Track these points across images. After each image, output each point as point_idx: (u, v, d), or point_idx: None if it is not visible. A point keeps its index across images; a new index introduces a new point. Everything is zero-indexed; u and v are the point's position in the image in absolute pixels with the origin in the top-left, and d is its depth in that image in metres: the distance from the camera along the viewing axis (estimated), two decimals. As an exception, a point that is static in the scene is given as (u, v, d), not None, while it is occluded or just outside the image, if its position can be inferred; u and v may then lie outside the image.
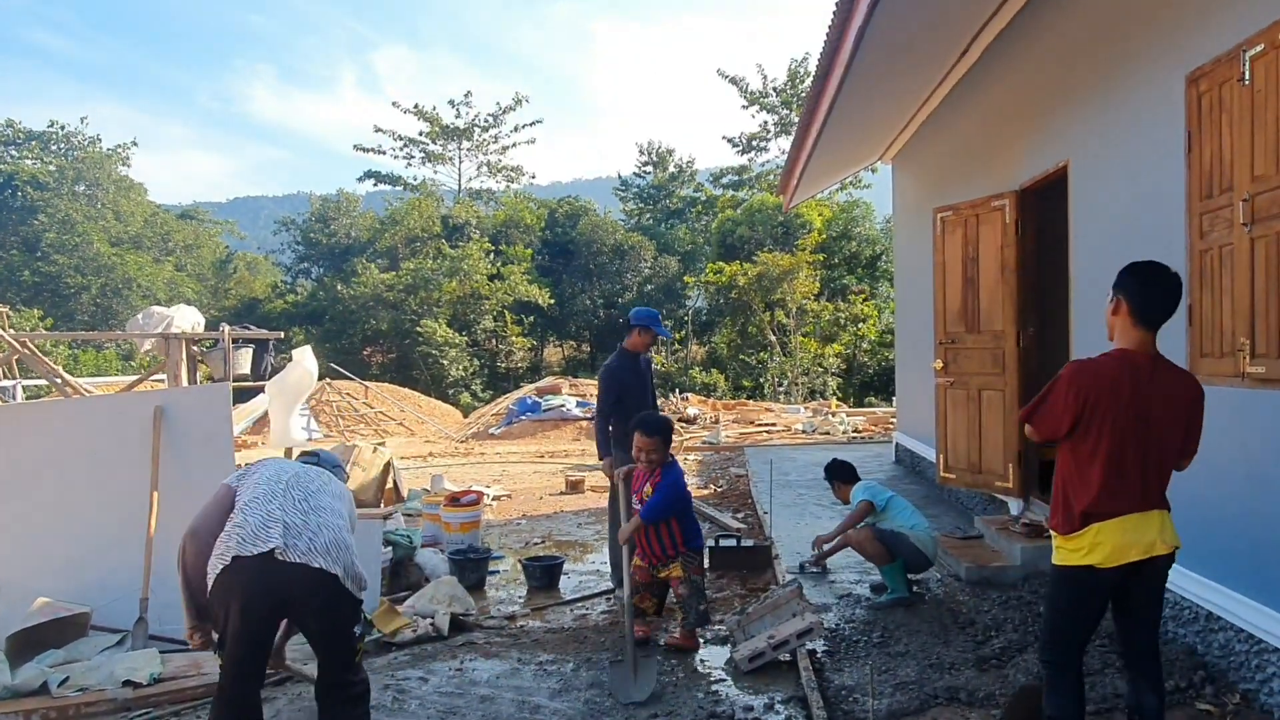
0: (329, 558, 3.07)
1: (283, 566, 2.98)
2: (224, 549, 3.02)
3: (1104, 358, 2.90)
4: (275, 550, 2.98)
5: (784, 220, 27.39)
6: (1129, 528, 2.79)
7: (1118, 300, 2.91)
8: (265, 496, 3.17)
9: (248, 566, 2.97)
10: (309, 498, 3.24)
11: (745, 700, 3.93)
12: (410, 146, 37.99)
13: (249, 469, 3.40)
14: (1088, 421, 2.81)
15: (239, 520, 3.09)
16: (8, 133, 37.53)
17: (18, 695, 4.12)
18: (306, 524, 3.12)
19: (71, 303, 32.68)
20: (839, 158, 10.47)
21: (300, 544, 3.04)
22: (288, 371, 7.19)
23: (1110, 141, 4.92)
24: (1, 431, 5.19)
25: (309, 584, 3.02)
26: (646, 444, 4.82)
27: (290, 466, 3.44)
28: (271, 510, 3.11)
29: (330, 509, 3.27)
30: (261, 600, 3.00)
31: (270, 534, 3.02)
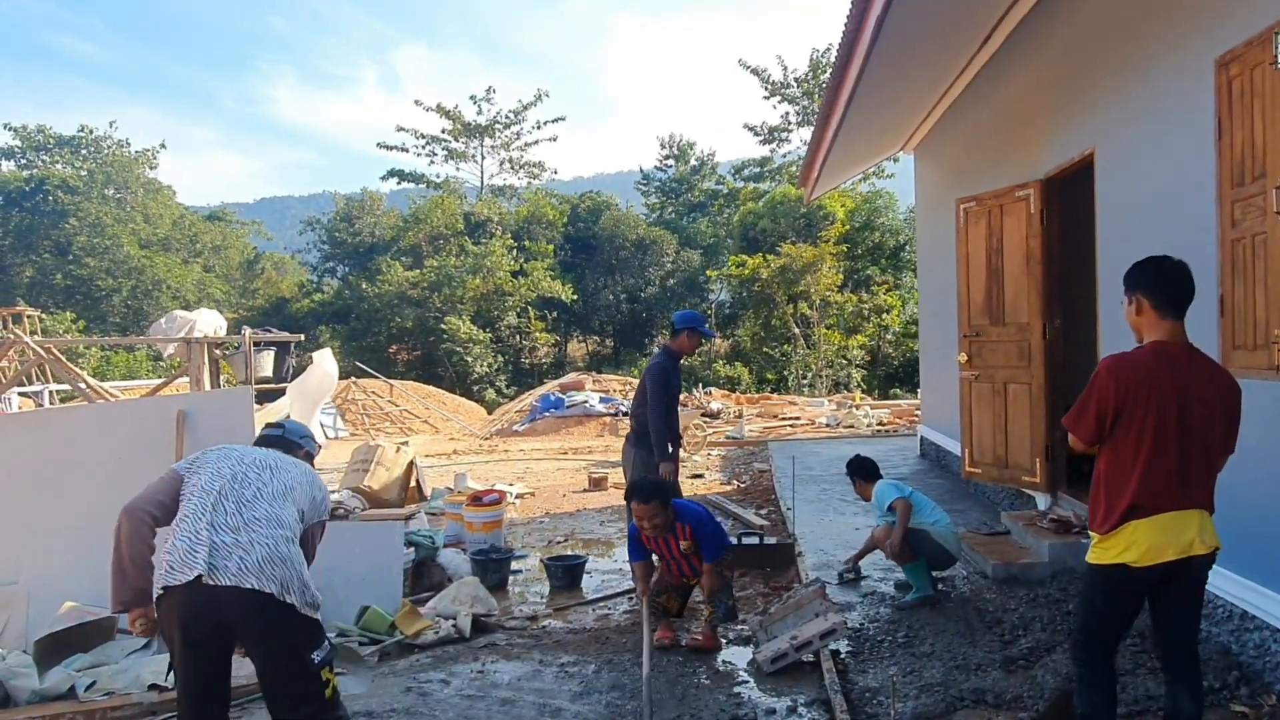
0: (262, 576, 2.81)
1: (212, 592, 2.77)
2: (156, 576, 2.87)
3: (1139, 351, 2.84)
4: (200, 576, 2.77)
5: (806, 212, 27.19)
6: (1166, 526, 2.72)
7: (1137, 300, 2.86)
8: (195, 514, 2.93)
9: (177, 596, 2.79)
10: (243, 508, 2.96)
11: (767, 703, 3.88)
12: (433, 144, 38.11)
13: (195, 461, 3.16)
14: (1128, 417, 2.74)
15: (169, 545, 2.89)
16: (38, 138, 38.08)
17: (46, 699, 4.17)
18: (237, 541, 2.86)
19: (103, 305, 33.13)
20: (860, 149, 10.36)
21: (230, 564, 2.80)
22: (308, 374, 7.24)
23: (1137, 128, 4.81)
24: (29, 437, 5.26)
25: (241, 607, 2.80)
26: (648, 511, 4.64)
27: (233, 462, 3.11)
28: (199, 531, 2.87)
29: (268, 518, 2.97)
30: (198, 628, 2.82)
31: (195, 559, 2.80)
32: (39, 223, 34.06)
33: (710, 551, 4.68)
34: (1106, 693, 2.89)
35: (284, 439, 3.44)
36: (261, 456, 3.19)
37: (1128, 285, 2.89)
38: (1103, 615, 2.89)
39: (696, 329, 5.71)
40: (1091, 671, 2.89)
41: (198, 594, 2.77)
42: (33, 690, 4.17)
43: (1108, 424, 2.78)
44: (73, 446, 5.19)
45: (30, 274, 33.49)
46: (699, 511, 4.83)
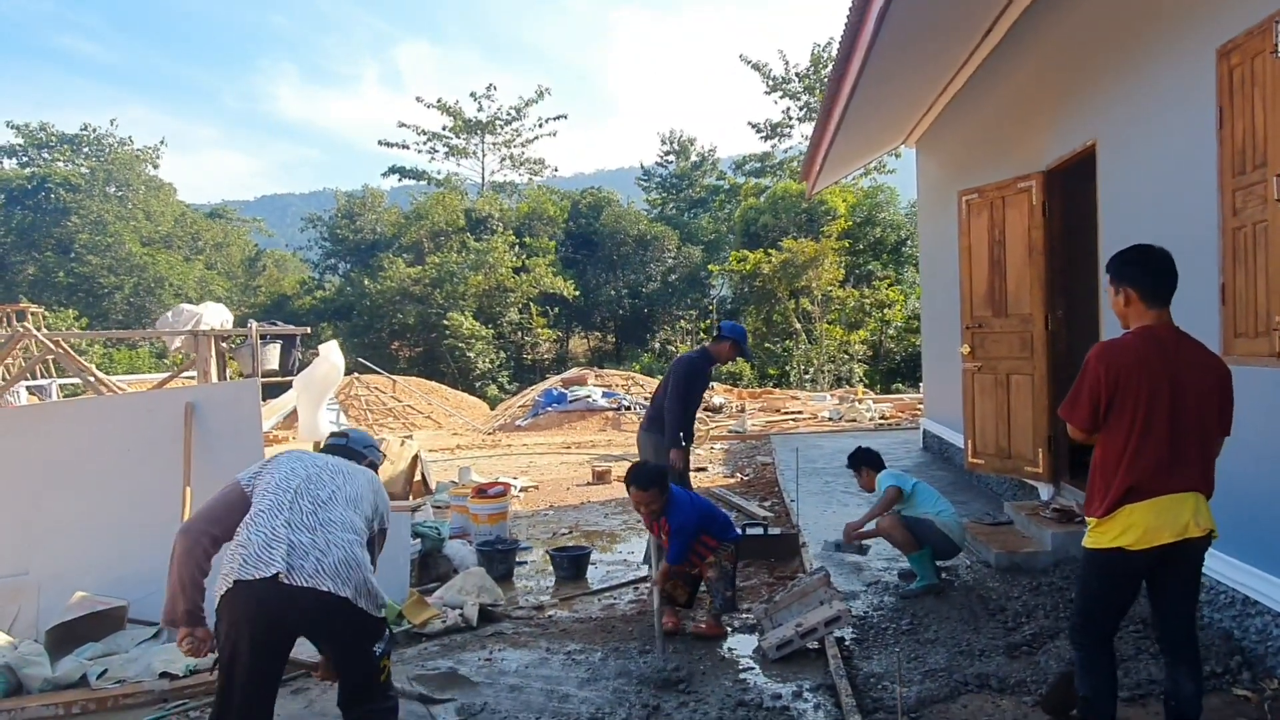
0: (338, 579, 2.82)
1: (289, 591, 2.75)
2: (227, 569, 2.81)
3: (1127, 336, 2.90)
4: (279, 574, 2.74)
5: (808, 207, 27.19)
6: (1162, 509, 2.75)
7: (1124, 292, 2.91)
8: (271, 510, 2.92)
9: (251, 592, 2.75)
10: (319, 509, 2.97)
11: (773, 688, 3.92)
12: (434, 141, 38.15)
13: (266, 465, 3.16)
14: (1121, 401, 2.79)
15: (243, 538, 2.86)
16: (41, 136, 38.12)
17: (58, 687, 4.21)
18: (314, 542, 2.86)
19: (105, 302, 33.19)
20: (862, 143, 10.37)
21: (307, 565, 2.79)
22: (314, 367, 7.28)
23: (1139, 119, 4.83)
24: (39, 430, 5.30)
25: (318, 609, 2.80)
26: (644, 497, 4.72)
27: (306, 465, 3.15)
28: (276, 528, 2.86)
29: (342, 521, 2.99)
30: (267, 628, 2.79)
31: (273, 556, 2.78)
32: (41, 221, 34.13)
33: (671, 553, 4.69)
34: (1107, 676, 2.92)
35: (348, 448, 3.45)
36: (332, 462, 3.22)
37: (1113, 277, 2.94)
38: (1100, 599, 2.92)
39: (739, 344, 6.05)
40: (1091, 655, 2.93)
41: (274, 591, 2.74)
42: (45, 678, 4.21)
43: (1102, 410, 2.82)
44: (82, 439, 5.22)
45: (33, 272, 33.56)
46: (685, 515, 4.75)
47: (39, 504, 5.09)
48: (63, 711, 4.04)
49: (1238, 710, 3.37)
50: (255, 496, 3.00)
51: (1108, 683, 2.91)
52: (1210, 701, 3.45)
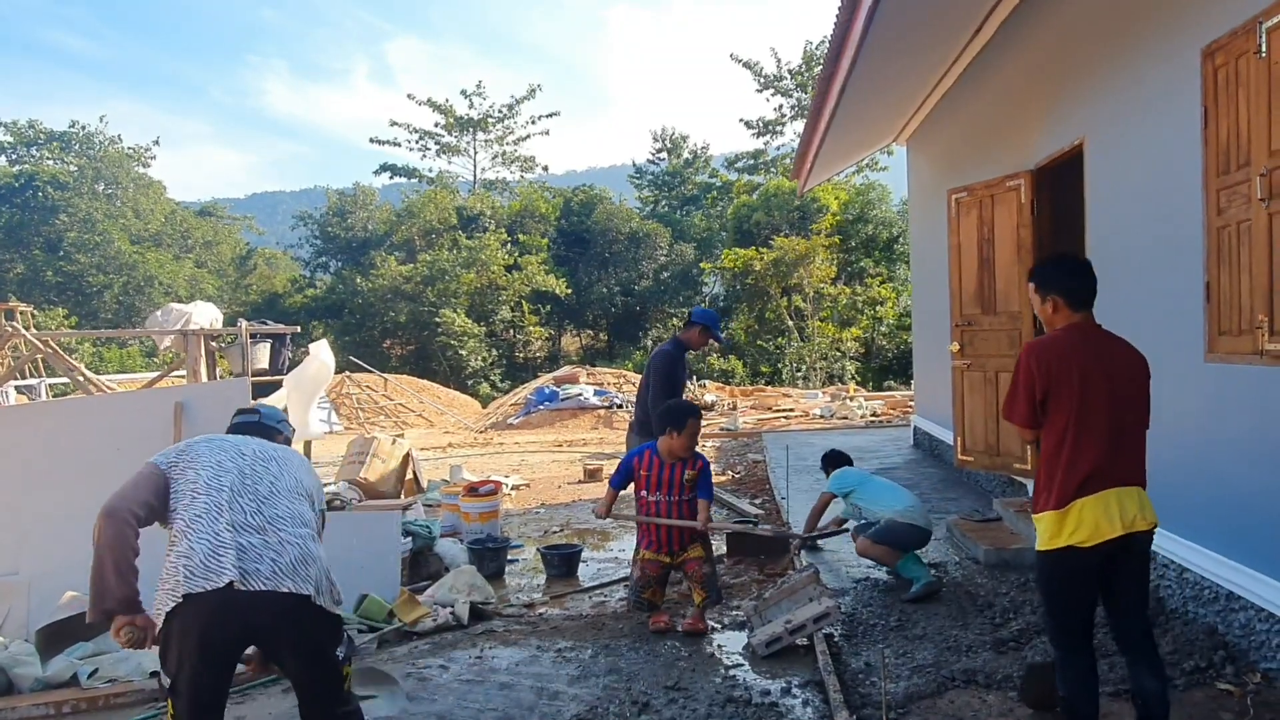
0: (297, 578, 2.66)
1: (244, 597, 2.58)
2: (172, 584, 2.59)
3: (1057, 332, 2.97)
4: (232, 582, 2.57)
5: (800, 205, 27.27)
6: (1108, 503, 2.79)
7: (1052, 300, 2.98)
8: (210, 513, 2.70)
9: (203, 604, 2.55)
10: (262, 505, 2.78)
11: (762, 684, 3.94)
12: (425, 139, 38.11)
13: (183, 454, 2.88)
14: (1056, 393, 2.84)
15: (183, 548, 2.63)
16: (30, 133, 37.93)
17: (49, 686, 4.21)
18: (266, 543, 2.69)
19: (94, 301, 33.08)
20: (853, 140, 10.41)
21: (262, 568, 2.62)
22: (305, 365, 7.28)
23: (1125, 118, 4.86)
24: (28, 429, 5.29)
25: (277, 612, 2.64)
26: (700, 428, 4.89)
27: (231, 455, 2.90)
28: (219, 532, 2.65)
29: (290, 515, 2.82)
30: (222, 639, 2.61)
31: (223, 563, 2.59)
32: (29, 219, 33.97)
33: (706, 489, 4.90)
34: (1086, 673, 2.92)
35: (261, 424, 3.22)
36: (257, 448, 2.99)
37: (1039, 286, 3.02)
38: (1062, 600, 2.93)
39: (709, 329, 5.90)
40: (1069, 654, 2.94)
41: (228, 600, 2.57)
42: (36, 678, 4.21)
43: (1038, 405, 2.87)
44: (72, 439, 5.22)
45: (21, 270, 33.41)
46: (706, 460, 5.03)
47: (29, 503, 5.08)
48: (54, 711, 4.04)
49: (1221, 704, 3.40)
50: (183, 495, 2.76)
51: (1086, 682, 2.92)
52: (1194, 696, 3.50)
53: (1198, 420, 4.11)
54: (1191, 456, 4.17)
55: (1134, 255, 4.79)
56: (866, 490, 5.35)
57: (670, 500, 4.83)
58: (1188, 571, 4.17)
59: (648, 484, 4.88)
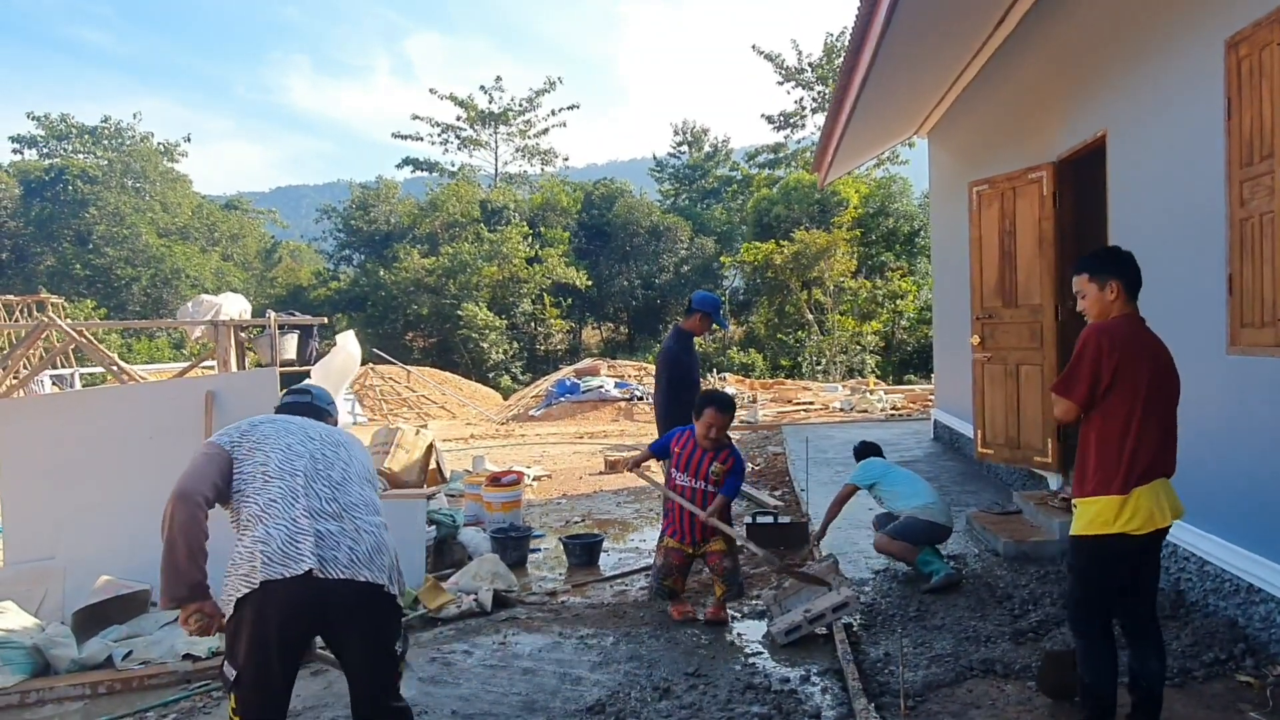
0: (373, 567, 2.64)
1: (324, 586, 2.55)
2: (247, 569, 2.55)
3: (1120, 319, 2.99)
4: (311, 570, 2.54)
5: (820, 198, 27.15)
6: (1159, 493, 2.83)
7: (1111, 285, 3.02)
8: (285, 498, 2.66)
9: (282, 592, 2.52)
10: (336, 492, 2.75)
11: (782, 672, 3.99)
12: (447, 133, 38.22)
13: (247, 435, 2.81)
14: (1123, 379, 2.86)
15: (259, 534, 2.58)
16: (61, 127, 38.38)
17: (85, 668, 4.33)
18: (343, 530, 2.66)
19: (123, 294, 33.49)
20: (874, 133, 10.38)
21: (340, 555, 2.60)
22: (332, 356, 7.39)
23: (1148, 110, 4.85)
24: (63, 418, 5.42)
25: (353, 601, 2.61)
26: (721, 421, 4.80)
27: (301, 438, 2.85)
28: (297, 518, 2.62)
29: (363, 503, 2.79)
30: (297, 628, 2.59)
31: (301, 550, 2.56)
32: (59, 212, 34.42)
33: (729, 488, 4.85)
34: (1110, 660, 2.97)
35: (314, 405, 3.15)
36: (323, 432, 2.95)
37: (1097, 272, 3.06)
38: (1100, 585, 2.96)
39: (709, 314, 5.86)
40: (1093, 642, 2.98)
41: (307, 589, 2.53)
42: (72, 659, 4.33)
43: (1101, 388, 2.88)
44: (105, 427, 5.34)
45: (51, 263, 33.88)
46: (744, 464, 5.02)
47: (65, 491, 5.21)
48: (89, 691, 4.16)
49: (1240, 696, 3.41)
50: (252, 478, 2.71)
51: (1110, 668, 2.97)
52: (1213, 687, 3.51)
53: (1219, 412, 4.11)
54: (1213, 449, 4.17)
55: (1156, 247, 4.77)
56: (889, 483, 5.33)
57: (693, 486, 4.85)
58: (1208, 564, 4.17)
59: (678, 463, 4.92)
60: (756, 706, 3.61)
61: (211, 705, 4.02)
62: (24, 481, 5.25)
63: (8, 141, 38.57)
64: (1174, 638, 3.90)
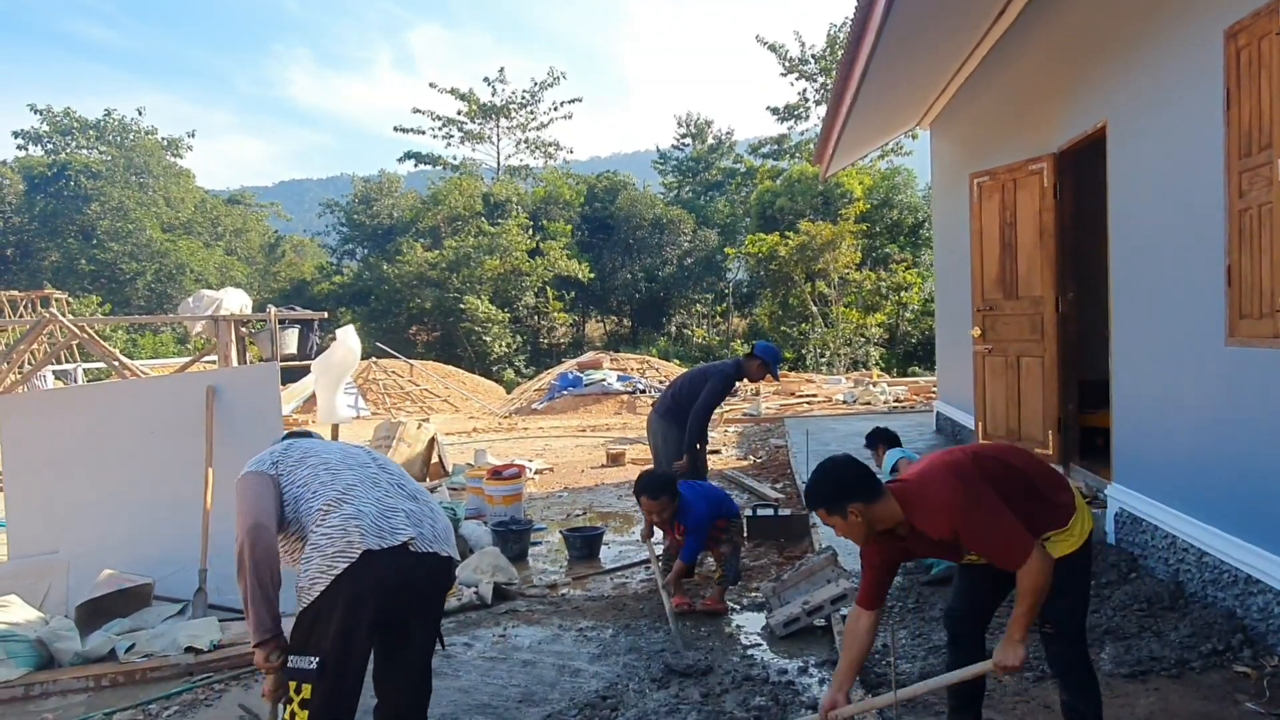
0: (450, 544, 2.79)
1: (418, 558, 2.64)
2: (341, 545, 2.53)
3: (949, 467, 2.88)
4: (410, 540, 2.63)
5: (824, 190, 27.10)
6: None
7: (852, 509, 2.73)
8: (364, 482, 2.75)
9: (384, 560, 2.55)
10: (403, 480, 2.89)
11: (779, 664, 4.01)
12: (449, 126, 38.20)
13: (284, 455, 2.84)
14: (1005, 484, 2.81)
15: (349, 510, 2.61)
16: (65, 122, 38.41)
17: (88, 661, 4.36)
18: (421, 510, 2.78)
19: (128, 289, 33.59)
20: (876, 124, 10.35)
21: (425, 531, 2.71)
22: (332, 351, 7.40)
23: (1148, 100, 4.83)
24: (66, 413, 5.44)
25: (437, 575, 2.73)
26: (656, 506, 4.82)
27: (340, 447, 2.98)
28: (382, 498, 2.71)
29: (423, 490, 2.95)
30: (397, 598, 2.62)
31: (396, 523, 2.65)
32: (63, 208, 34.51)
33: (686, 551, 4.84)
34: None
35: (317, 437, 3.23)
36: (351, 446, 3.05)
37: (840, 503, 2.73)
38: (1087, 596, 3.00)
39: (769, 365, 6.26)
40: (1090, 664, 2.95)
41: (406, 559, 2.60)
42: (75, 652, 4.36)
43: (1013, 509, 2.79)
44: (108, 422, 5.36)
45: (56, 258, 33.98)
46: (699, 513, 4.84)
47: (68, 485, 5.24)
48: (93, 684, 4.19)
49: (1237, 686, 3.41)
50: (311, 482, 2.73)
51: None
52: (1211, 678, 3.51)
53: (1218, 404, 4.11)
54: (1211, 440, 4.17)
55: (1156, 238, 4.77)
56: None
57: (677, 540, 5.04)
58: (1207, 555, 4.17)
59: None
60: (755, 698, 3.62)
61: (214, 698, 4.04)
62: (27, 476, 5.28)
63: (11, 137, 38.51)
64: (1172, 628, 3.90)
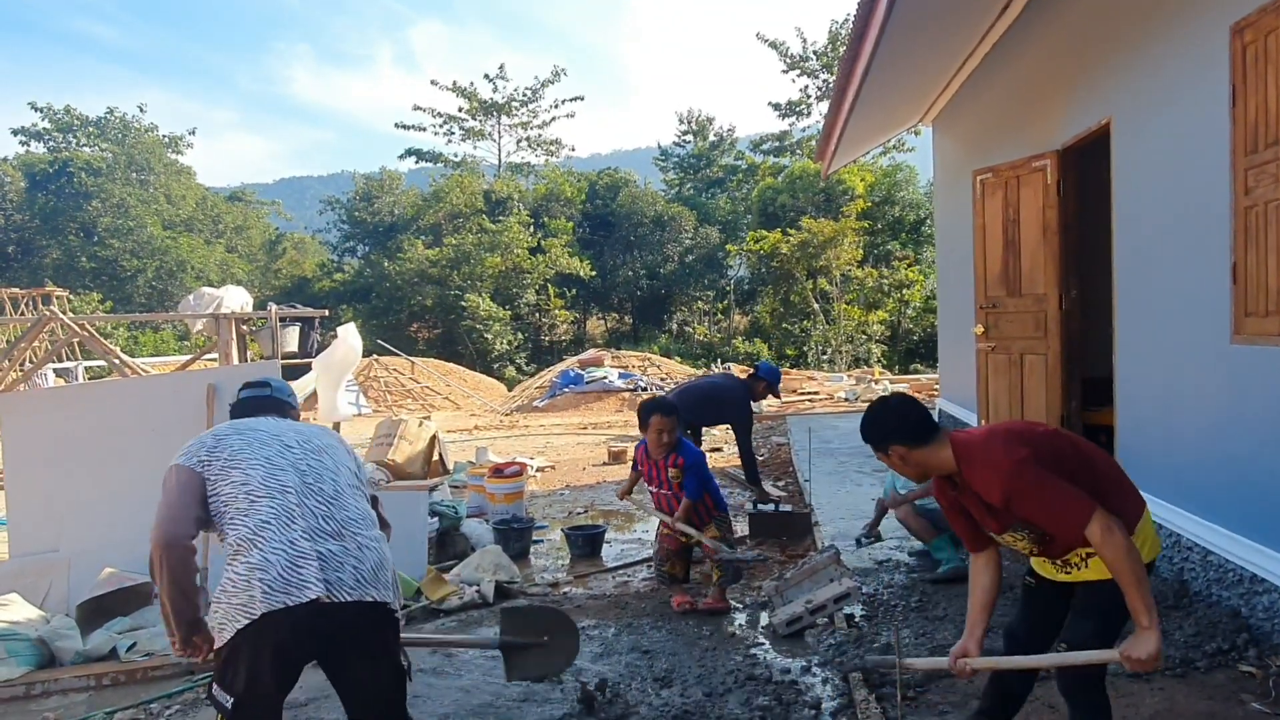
0: (379, 585, 2.49)
1: (330, 611, 2.38)
2: (244, 599, 2.34)
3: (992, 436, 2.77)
4: (318, 598, 2.36)
5: (825, 187, 27.06)
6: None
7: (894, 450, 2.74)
8: (279, 519, 2.46)
9: (283, 621, 2.32)
10: (332, 508, 2.56)
11: (782, 663, 3.99)
12: (450, 123, 38.15)
13: (214, 452, 2.61)
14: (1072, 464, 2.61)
15: (255, 559, 2.37)
16: (65, 119, 38.38)
17: (89, 660, 4.35)
18: (345, 550, 2.48)
19: (129, 286, 33.58)
20: (878, 121, 10.31)
21: (345, 577, 2.43)
22: (333, 349, 7.40)
23: (1153, 96, 4.80)
24: (67, 411, 5.43)
25: (361, 623, 2.46)
26: (667, 424, 5.02)
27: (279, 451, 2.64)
28: (295, 541, 2.42)
29: (360, 516, 2.62)
30: (301, 655, 2.44)
31: (305, 576, 2.37)
32: (64, 205, 34.49)
33: (690, 489, 5.01)
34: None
35: (274, 399, 2.95)
36: (299, 438, 2.74)
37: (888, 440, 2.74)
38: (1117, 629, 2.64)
39: (772, 385, 7.36)
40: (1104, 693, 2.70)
41: (313, 616, 2.36)
42: (76, 651, 4.35)
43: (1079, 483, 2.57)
44: (109, 420, 5.35)
45: (56, 256, 33.97)
46: (697, 455, 5.14)
47: (68, 484, 5.23)
48: (94, 683, 4.18)
49: (1242, 686, 3.40)
50: (234, 499, 2.52)
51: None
52: (1215, 678, 3.50)
53: (1223, 402, 4.09)
54: (1216, 438, 4.15)
55: (1161, 236, 4.74)
56: None
57: (663, 494, 5.15)
58: (1211, 554, 4.15)
59: (648, 476, 5.25)
60: (758, 697, 3.61)
61: (214, 697, 4.03)
62: (28, 474, 5.27)
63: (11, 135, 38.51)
64: (1176, 628, 3.89)
